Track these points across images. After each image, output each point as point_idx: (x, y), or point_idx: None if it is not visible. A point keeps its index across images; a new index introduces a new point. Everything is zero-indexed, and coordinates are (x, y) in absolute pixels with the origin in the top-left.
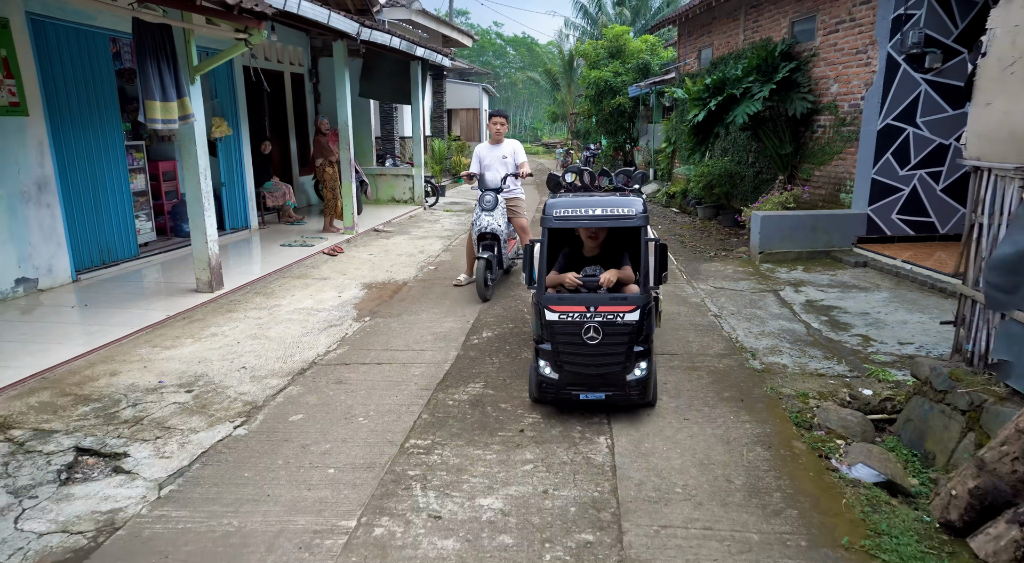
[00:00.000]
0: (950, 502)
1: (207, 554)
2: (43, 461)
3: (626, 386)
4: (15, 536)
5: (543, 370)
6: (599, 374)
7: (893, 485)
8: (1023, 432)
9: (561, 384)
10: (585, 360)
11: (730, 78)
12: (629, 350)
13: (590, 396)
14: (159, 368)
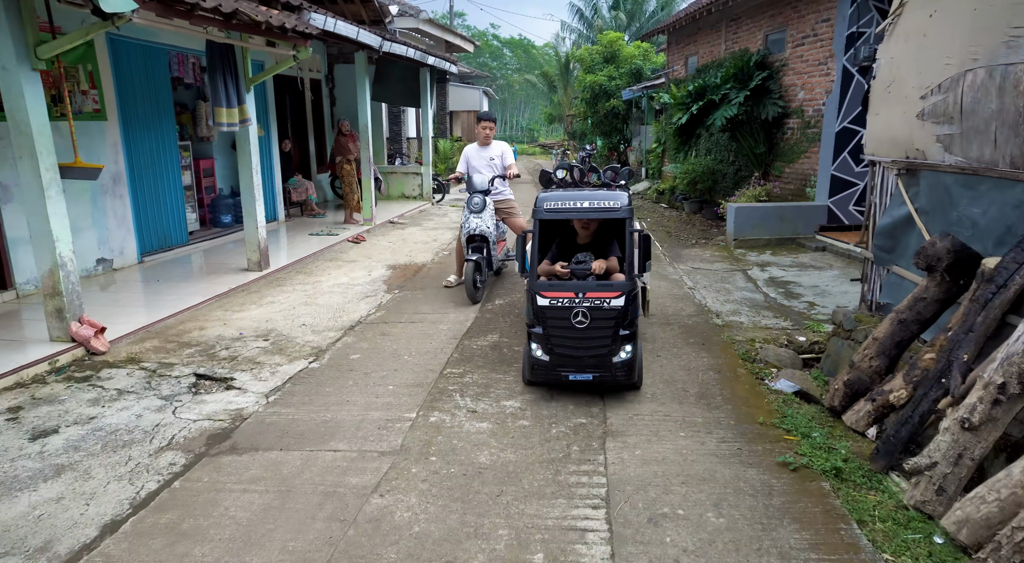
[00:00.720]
0: (833, 394)
1: (313, 432)
2: (174, 381)
3: (612, 367)
4: (176, 421)
5: (535, 352)
6: (587, 356)
7: (805, 394)
8: (876, 339)
9: (552, 366)
10: (574, 343)
11: (710, 85)
12: (615, 333)
13: (579, 377)
14: (236, 324)
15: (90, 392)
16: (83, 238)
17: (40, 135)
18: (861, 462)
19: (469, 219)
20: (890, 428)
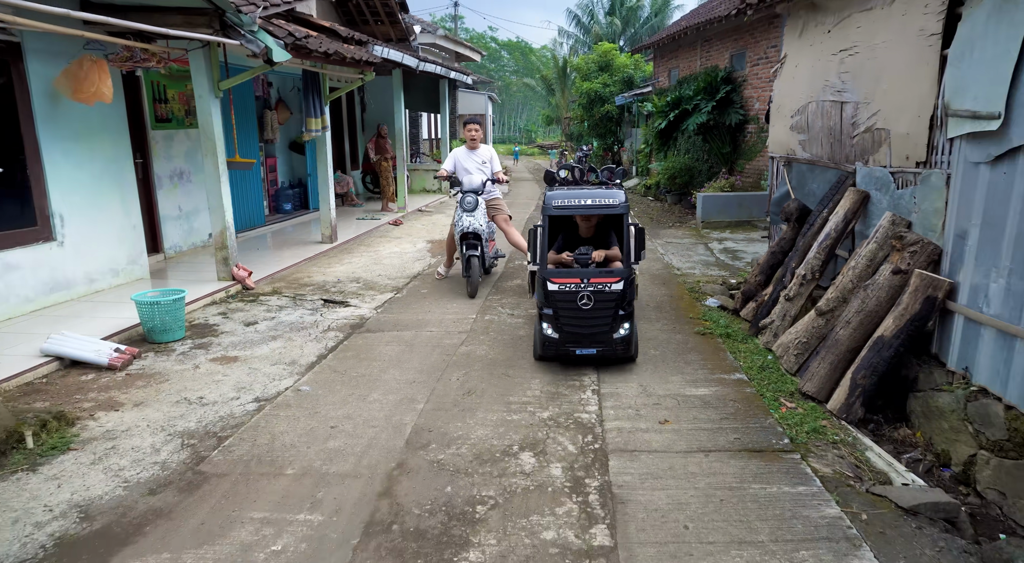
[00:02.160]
0: (736, 301)
1: (414, 323)
2: (310, 303)
3: (613, 343)
4: (325, 319)
5: (546, 331)
6: (591, 333)
7: (723, 307)
8: (759, 264)
9: (560, 342)
10: (580, 322)
11: (685, 96)
12: (615, 313)
13: (584, 351)
14: (332, 274)
15: (261, 307)
16: (200, 218)
17: (218, 140)
18: (742, 332)
19: (463, 218)
20: (760, 311)
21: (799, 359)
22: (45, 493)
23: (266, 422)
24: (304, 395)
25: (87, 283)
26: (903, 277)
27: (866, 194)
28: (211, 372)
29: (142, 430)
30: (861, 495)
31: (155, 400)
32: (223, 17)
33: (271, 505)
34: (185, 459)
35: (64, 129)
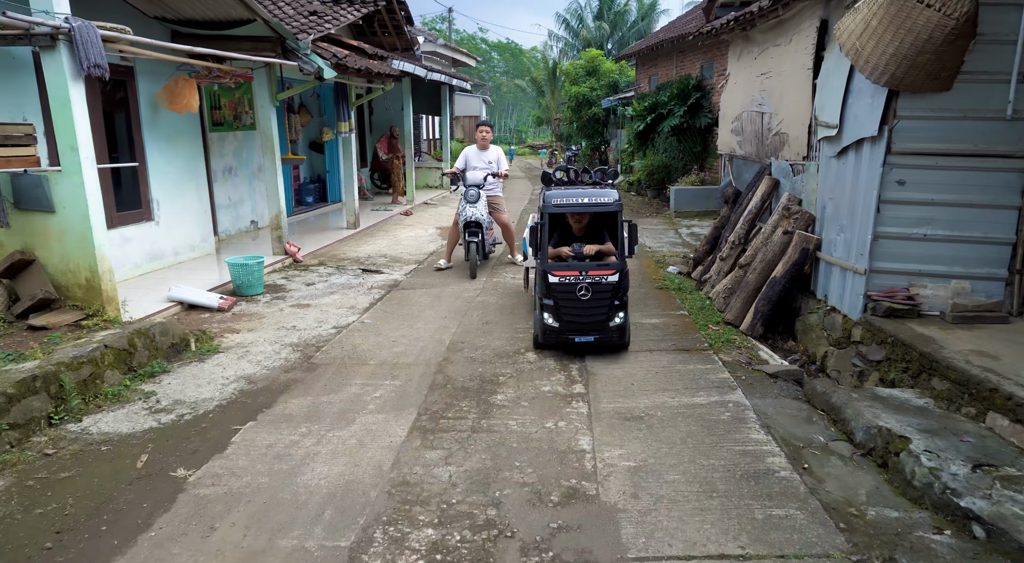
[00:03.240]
0: (690, 265)
1: (436, 284)
2: (351, 271)
3: (609, 331)
4: (367, 281)
5: (547, 320)
6: (589, 322)
7: (680, 273)
8: (705, 238)
9: (561, 330)
10: (578, 312)
11: (660, 102)
12: (611, 303)
13: (582, 339)
14: (362, 251)
15: (313, 274)
16: (244, 207)
17: (275, 140)
18: (691, 287)
19: (466, 208)
20: (704, 271)
21: (725, 300)
22: (218, 371)
23: (346, 338)
24: (367, 325)
25: (173, 255)
26: (789, 236)
27: (776, 180)
28: (294, 313)
29: (262, 343)
30: (745, 369)
31: (261, 328)
32: (284, 43)
33: (365, 377)
34: (299, 357)
35: (159, 133)
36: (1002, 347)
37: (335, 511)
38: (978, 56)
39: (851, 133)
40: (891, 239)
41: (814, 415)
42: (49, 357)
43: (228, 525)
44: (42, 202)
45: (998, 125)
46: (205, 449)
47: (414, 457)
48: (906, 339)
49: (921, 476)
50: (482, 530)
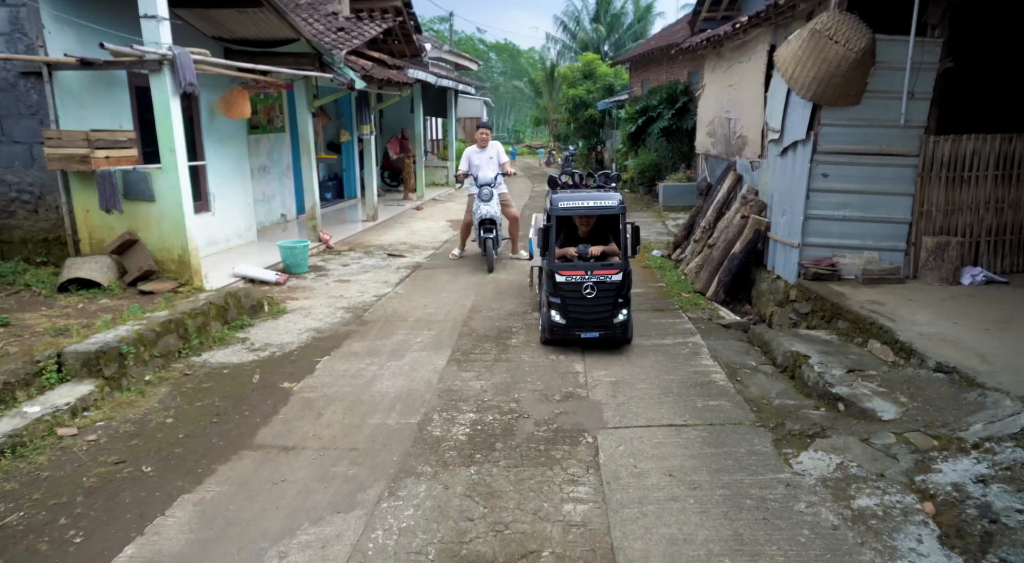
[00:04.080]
0: (670, 248)
1: (453, 268)
2: (378, 256)
3: (613, 326)
4: (393, 264)
5: (554, 317)
6: (594, 319)
7: (663, 256)
8: (683, 224)
9: (567, 327)
10: (584, 309)
11: (650, 105)
12: (615, 301)
13: (588, 335)
14: (384, 240)
15: (346, 257)
16: (275, 202)
17: (312, 142)
18: (670, 266)
19: (480, 206)
20: (681, 253)
21: (696, 274)
22: (291, 325)
23: (386, 304)
24: (401, 294)
25: (225, 242)
26: (745, 220)
27: (739, 175)
28: (338, 286)
29: (319, 307)
30: (706, 323)
31: (315, 296)
32: (321, 58)
33: (407, 329)
34: (351, 316)
35: (214, 136)
36: (890, 298)
37: (403, 405)
38: (878, 78)
39: (789, 137)
40: (818, 220)
41: (751, 350)
42: (174, 309)
43: (330, 412)
44: (145, 193)
45: (895, 131)
46: (298, 372)
47: (453, 376)
48: (825, 295)
49: (812, 378)
50: (506, 414)
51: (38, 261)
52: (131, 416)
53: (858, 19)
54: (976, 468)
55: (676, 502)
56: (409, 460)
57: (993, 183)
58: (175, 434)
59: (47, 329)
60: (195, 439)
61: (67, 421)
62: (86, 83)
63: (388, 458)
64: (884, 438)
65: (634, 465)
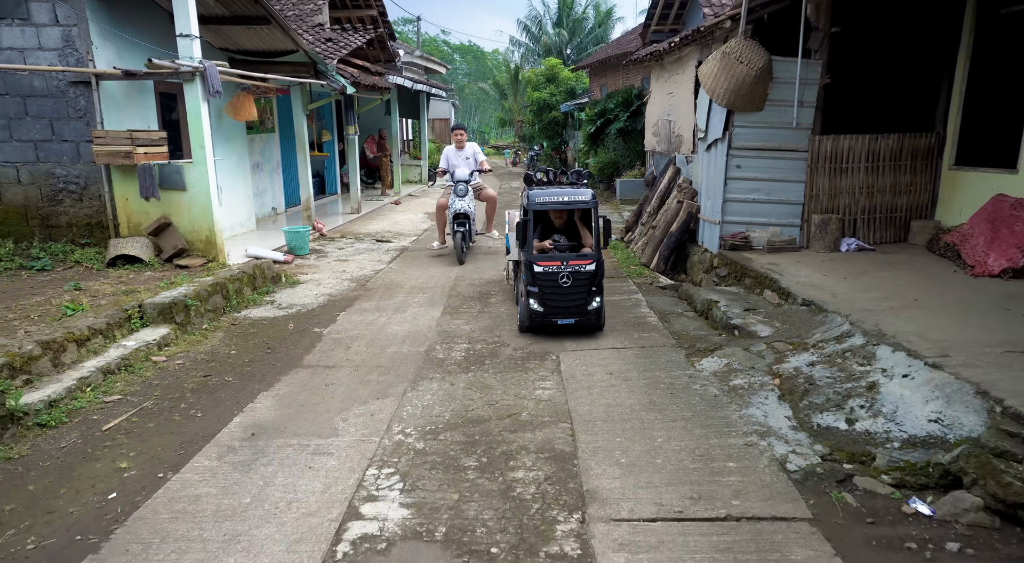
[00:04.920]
0: (622, 233)
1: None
2: (367, 242)
3: (587, 313)
4: (383, 248)
5: (532, 305)
6: (569, 306)
7: (619, 239)
8: (634, 211)
9: (545, 314)
10: (560, 297)
11: (608, 108)
12: (589, 289)
13: (564, 321)
14: (371, 229)
15: (339, 242)
16: (267, 196)
17: (305, 140)
18: (622, 246)
19: (455, 202)
20: (631, 235)
21: (642, 251)
22: (307, 291)
23: (383, 276)
24: (395, 269)
25: (230, 230)
26: (681, 204)
27: (678, 168)
28: (339, 264)
29: (327, 279)
30: (647, 286)
31: (321, 272)
32: (316, 66)
33: (404, 293)
34: (356, 285)
35: (221, 136)
36: (784, 261)
37: (411, 340)
38: (776, 90)
39: (711, 136)
40: (734, 202)
41: (679, 302)
42: (216, 276)
43: (356, 346)
44: (178, 183)
45: (790, 132)
46: (324, 322)
47: (447, 322)
48: (738, 261)
49: (719, 315)
50: (491, 344)
51: (82, 242)
52: (202, 350)
53: (758, 44)
54: (810, 358)
55: (612, 387)
56: (422, 370)
57: (864, 173)
58: (241, 360)
59: (114, 292)
60: (257, 362)
61: (156, 352)
62: (123, 90)
63: (406, 370)
64: (758, 346)
65: (585, 369)
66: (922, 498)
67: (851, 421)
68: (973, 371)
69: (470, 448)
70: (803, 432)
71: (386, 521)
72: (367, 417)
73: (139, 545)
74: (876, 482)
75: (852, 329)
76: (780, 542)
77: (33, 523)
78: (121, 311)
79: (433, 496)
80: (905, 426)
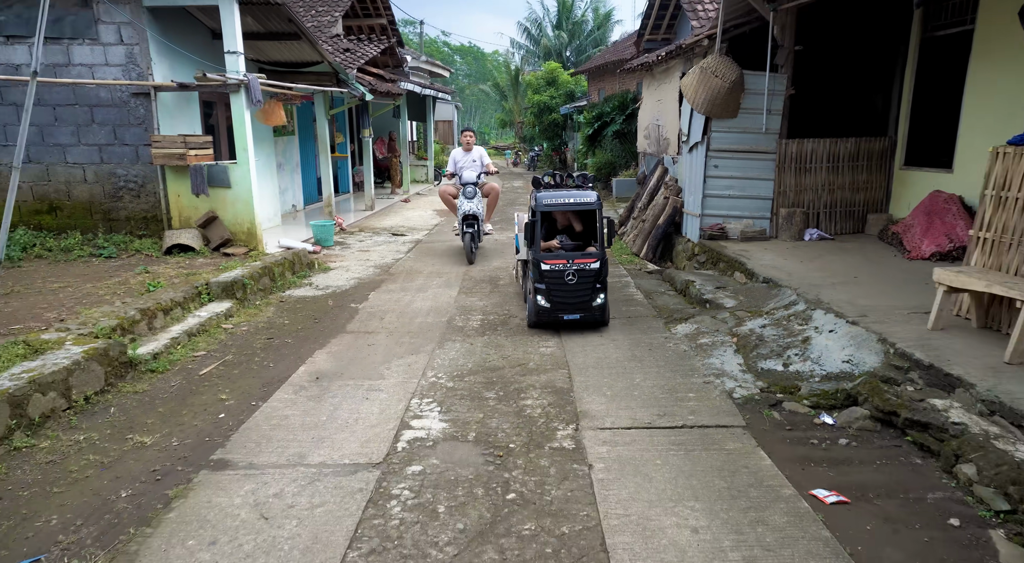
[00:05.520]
0: (616, 226)
1: (446, 241)
2: (384, 235)
3: (592, 309)
4: (397, 242)
5: (540, 302)
6: (575, 302)
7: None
8: (627, 208)
9: (552, 310)
10: (567, 294)
11: (605, 112)
12: (593, 286)
13: (570, 316)
14: (386, 224)
15: (359, 236)
16: (288, 194)
17: (327, 143)
18: (616, 239)
19: (464, 203)
20: (624, 228)
21: (633, 242)
22: (339, 275)
23: (403, 263)
24: (413, 258)
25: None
26: (667, 200)
27: (665, 168)
28: (362, 254)
29: (354, 266)
30: (636, 271)
31: (347, 260)
32: (338, 76)
33: (424, 277)
34: (380, 271)
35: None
36: (753, 248)
37: (434, 313)
38: (748, 100)
39: (693, 139)
40: (712, 197)
41: (663, 284)
42: (264, 261)
43: (388, 317)
44: (224, 181)
45: (760, 136)
46: (358, 299)
47: (464, 299)
48: (715, 248)
49: (694, 292)
50: (502, 316)
51: (139, 234)
52: (261, 320)
53: (731, 60)
54: (762, 322)
55: (602, 346)
56: (446, 335)
57: (826, 172)
58: (294, 327)
59: (176, 274)
60: (308, 329)
61: (224, 321)
62: (175, 99)
63: (433, 335)
64: (723, 315)
65: (580, 334)
66: (828, 413)
67: (787, 365)
68: (881, 326)
69: (489, 386)
70: (750, 374)
71: (430, 430)
72: (405, 367)
73: (252, 443)
74: (798, 405)
75: (798, 299)
76: (719, 439)
77: (171, 431)
78: (192, 288)
79: (463, 415)
80: (825, 366)
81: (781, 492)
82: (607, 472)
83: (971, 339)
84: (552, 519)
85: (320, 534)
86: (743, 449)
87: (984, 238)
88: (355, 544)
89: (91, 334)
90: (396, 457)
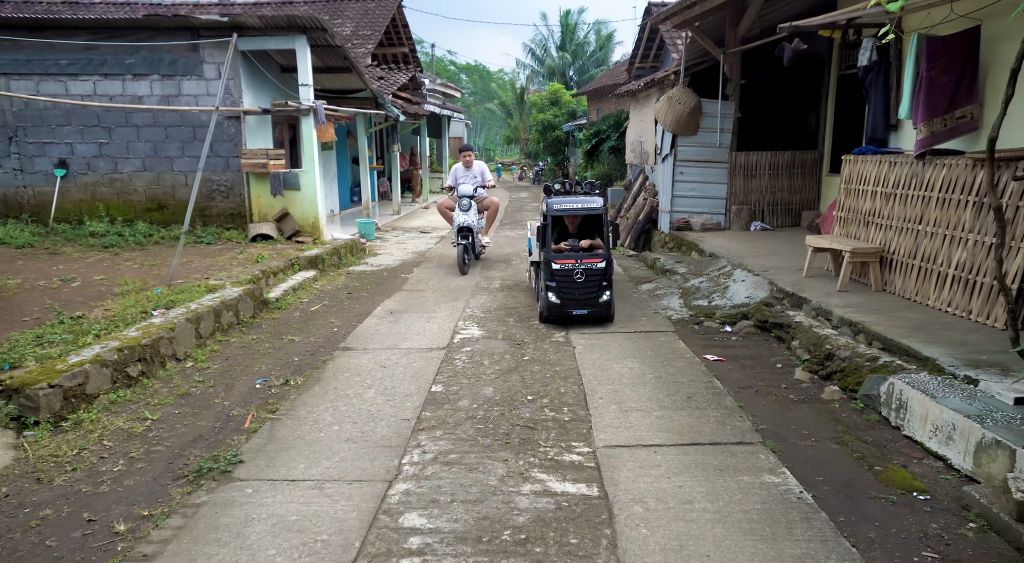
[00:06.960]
0: None
1: None
2: (414, 232)
3: (599, 305)
4: (428, 238)
5: (550, 298)
6: (583, 298)
7: None
8: (615, 208)
9: (561, 305)
10: (575, 291)
11: (601, 129)
12: (600, 284)
13: (578, 312)
14: (413, 225)
15: (394, 233)
16: (328, 200)
17: (367, 156)
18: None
19: (459, 215)
20: None
21: (621, 237)
22: (386, 258)
23: (433, 251)
24: (440, 248)
25: None
26: (646, 200)
27: (646, 176)
28: (399, 245)
29: (396, 252)
30: (621, 257)
31: (389, 249)
32: (377, 100)
33: (451, 262)
34: (417, 256)
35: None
36: (709, 236)
37: (464, 283)
38: (705, 121)
39: (664, 152)
40: (679, 197)
41: (639, 263)
42: (333, 244)
43: (431, 282)
44: (295, 185)
45: (716, 149)
46: (404, 272)
47: (486, 273)
48: (680, 237)
49: (659, 266)
50: (515, 282)
51: (227, 227)
52: (338, 283)
53: (691, 91)
54: (702, 279)
55: None
56: (475, 293)
57: (769, 178)
58: (364, 288)
59: (269, 253)
60: (375, 288)
61: (312, 284)
62: (256, 121)
63: (464, 294)
64: (676, 278)
65: None
66: (730, 325)
67: (710, 302)
68: (773, 275)
69: (508, 315)
70: (685, 308)
71: (473, 334)
72: (450, 307)
73: (362, 340)
74: (711, 322)
75: (727, 264)
76: (655, 336)
77: (306, 336)
78: (287, 260)
79: (492, 327)
80: (734, 300)
81: (685, 355)
82: (583, 348)
83: (825, 281)
84: (550, 366)
85: (418, 372)
86: (668, 340)
87: (841, 217)
88: (438, 377)
89: (237, 282)
90: (454, 344)
